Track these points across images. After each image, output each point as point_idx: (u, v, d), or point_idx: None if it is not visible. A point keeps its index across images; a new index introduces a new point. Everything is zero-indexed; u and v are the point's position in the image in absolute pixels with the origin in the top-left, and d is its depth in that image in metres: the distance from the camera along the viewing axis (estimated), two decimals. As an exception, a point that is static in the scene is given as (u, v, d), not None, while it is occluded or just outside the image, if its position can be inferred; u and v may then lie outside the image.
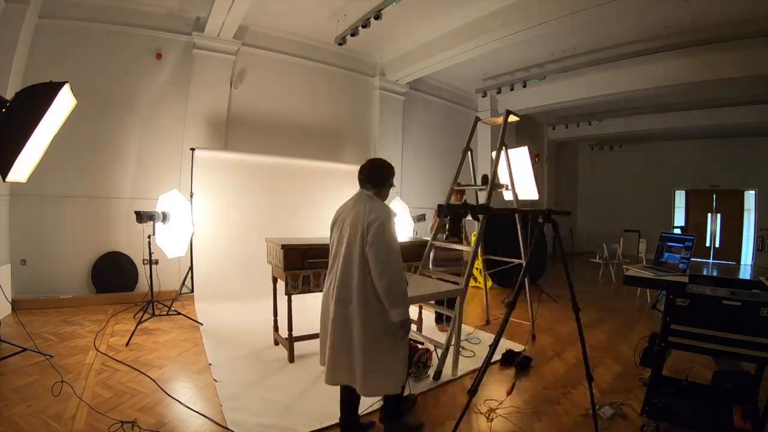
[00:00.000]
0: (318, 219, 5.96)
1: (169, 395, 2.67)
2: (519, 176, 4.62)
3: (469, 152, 4.41)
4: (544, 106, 8.64)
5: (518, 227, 4.38)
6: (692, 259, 2.65)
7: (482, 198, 4.26)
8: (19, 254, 4.66)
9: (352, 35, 5.73)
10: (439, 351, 3.17)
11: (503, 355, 3.46)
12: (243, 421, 2.37)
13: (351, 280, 2.03)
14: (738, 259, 10.71)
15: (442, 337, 3.39)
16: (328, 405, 2.59)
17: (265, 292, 3.94)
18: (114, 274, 5.11)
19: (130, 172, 5.30)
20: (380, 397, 2.37)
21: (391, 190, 2.30)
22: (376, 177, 2.21)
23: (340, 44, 6.12)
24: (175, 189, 4.51)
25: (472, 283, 6.97)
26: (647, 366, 2.92)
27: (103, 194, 5.14)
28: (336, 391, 2.18)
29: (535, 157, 4.85)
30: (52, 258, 4.86)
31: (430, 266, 3.99)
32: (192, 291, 5.04)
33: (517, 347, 3.71)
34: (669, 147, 11.47)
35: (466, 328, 4.26)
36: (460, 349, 3.70)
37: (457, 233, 2.93)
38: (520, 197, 4.81)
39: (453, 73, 7.70)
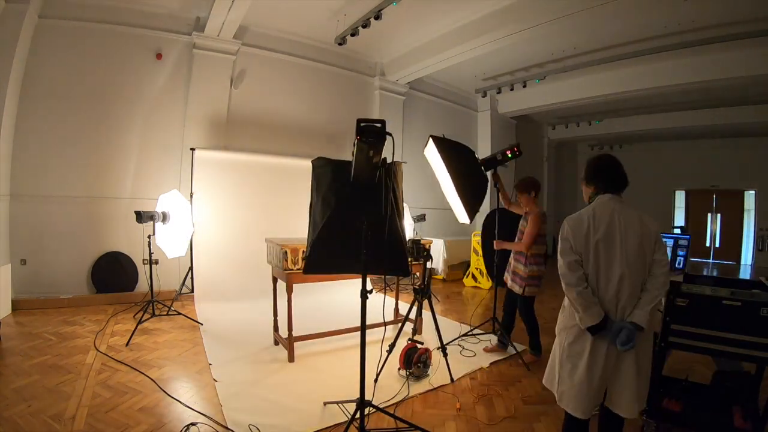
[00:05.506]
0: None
1: (169, 395, 2.67)
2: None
3: None
4: (544, 106, 8.64)
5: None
6: (692, 259, 2.66)
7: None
8: (19, 254, 4.66)
9: (352, 35, 5.73)
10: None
11: None
12: (243, 421, 2.37)
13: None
14: (738, 259, 10.70)
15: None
16: (328, 405, 2.60)
17: (265, 292, 3.94)
18: (114, 274, 5.11)
19: (130, 172, 5.29)
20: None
21: None
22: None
23: (340, 44, 6.13)
24: (175, 189, 4.50)
25: (471, 282, 6.99)
26: (647, 366, 2.91)
27: (103, 194, 5.13)
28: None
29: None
30: (52, 258, 4.86)
31: None
32: (192, 291, 5.05)
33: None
34: (669, 147, 11.46)
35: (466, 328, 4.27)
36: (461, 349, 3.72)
37: None
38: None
39: (453, 73, 7.70)
